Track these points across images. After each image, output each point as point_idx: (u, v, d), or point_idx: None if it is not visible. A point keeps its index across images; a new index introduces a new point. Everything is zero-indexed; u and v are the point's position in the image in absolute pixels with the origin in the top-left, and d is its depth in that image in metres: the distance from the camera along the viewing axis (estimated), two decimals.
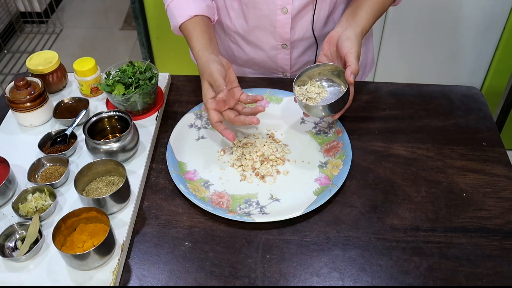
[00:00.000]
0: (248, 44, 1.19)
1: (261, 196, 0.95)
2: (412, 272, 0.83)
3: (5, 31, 3.05)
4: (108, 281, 0.80)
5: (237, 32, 1.18)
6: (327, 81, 1.03)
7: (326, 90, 1.01)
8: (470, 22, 1.87)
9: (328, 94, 1.01)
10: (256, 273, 0.83)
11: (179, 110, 1.13)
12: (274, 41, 1.15)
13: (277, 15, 1.09)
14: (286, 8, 1.07)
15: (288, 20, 1.09)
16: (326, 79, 1.03)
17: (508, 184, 0.95)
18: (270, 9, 1.09)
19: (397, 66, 2.06)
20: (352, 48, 0.95)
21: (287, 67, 1.21)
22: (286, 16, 1.09)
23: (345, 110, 0.98)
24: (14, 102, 1.04)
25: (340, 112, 0.98)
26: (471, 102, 1.14)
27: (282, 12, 1.08)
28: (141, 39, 2.15)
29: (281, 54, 1.18)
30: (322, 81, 1.03)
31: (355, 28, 0.98)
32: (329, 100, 0.99)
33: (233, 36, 1.20)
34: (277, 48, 1.16)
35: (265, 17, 1.10)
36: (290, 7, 1.07)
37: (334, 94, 1.00)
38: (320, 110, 0.95)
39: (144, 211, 0.93)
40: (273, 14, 1.09)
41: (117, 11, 3.41)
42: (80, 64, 1.12)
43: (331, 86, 1.02)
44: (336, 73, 1.01)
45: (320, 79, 1.03)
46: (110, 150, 0.96)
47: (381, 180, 0.97)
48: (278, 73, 1.25)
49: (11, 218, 0.90)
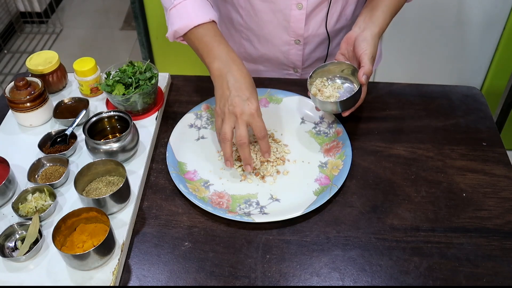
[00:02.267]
0: (259, 40, 1.19)
1: (261, 196, 0.95)
2: (412, 272, 0.83)
3: (5, 31, 3.05)
4: (108, 281, 0.80)
5: (249, 28, 1.17)
6: (341, 79, 1.05)
7: (340, 87, 1.04)
8: (470, 22, 1.87)
9: (342, 91, 1.03)
10: (256, 273, 0.83)
11: (179, 110, 1.13)
12: (288, 37, 1.15)
13: (292, 10, 1.09)
14: (301, 4, 1.08)
15: (303, 16, 1.10)
16: (340, 77, 1.05)
17: (508, 184, 0.95)
18: (285, 4, 1.09)
19: (397, 66, 2.06)
20: (368, 49, 0.97)
21: (299, 63, 1.21)
22: (301, 12, 1.09)
23: (355, 109, 1.00)
24: (14, 102, 1.04)
25: (350, 110, 1.00)
26: (471, 102, 1.14)
27: (297, 7, 1.08)
28: (141, 39, 2.15)
29: (294, 50, 1.18)
30: (336, 78, 1.05)
31: (372, 28, 1.00)
32: (341, 97, 1.01)
33: (245, 32, 1.20)
34: (289, 43, 1.17)
35: (279, 12, 1.10)
36: (305, 3, 1.07)
37: (347, 92, 1.03)
38: (332, 105, 0.97)
39: (144, 211, 0.93)
40: (288, 9, 1.09)
41: (117, 11, 3.41)
42: (80, 64, 1.12)
43: (345, 83, 1.04)
44: (351, 71, 1.03)
45: (334, 76, 1.05)
46: (110, 150, 0.96)
47: (381, 180, 0.97)
48: (289, 69, 1.25)
49: (11, 218, 0.90)
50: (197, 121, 1.10)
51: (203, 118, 1.10)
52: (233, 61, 0.96)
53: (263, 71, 1.28)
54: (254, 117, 0.91)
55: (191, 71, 1.47)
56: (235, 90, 0.93)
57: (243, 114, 0.91)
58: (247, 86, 0.94)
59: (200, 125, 1.09)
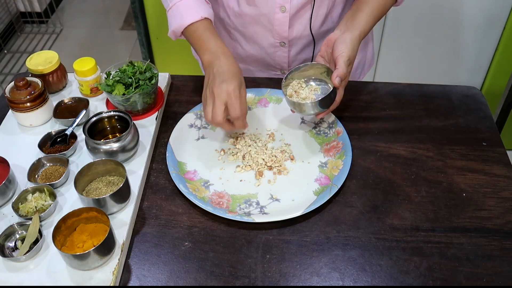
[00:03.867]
0: (247, 40, 1.20)
1: (261, 196, 0.95)
2: (412, 272, 0.83)
3: (5, 31, 3.05)
4: (108, 281, 0.80)
5: (236, 28, 1.18)
6: (317, 81, 1.04)
7: (317, 89, 1.03)
8: (470, 22, 1.87)
9: (318, 93, 1.02)
10: (256, 273, 0.83)
11: (179, 110, 1.13)
12: (272, 39, 1.15)
13: (276, 14, 1.09)
14: (284, 7, 1.08)
15: (286, 18, 1.10)
16: (316, 79, 1.04)
17: (508, 184, 0.95)
18: (269, 8, 1.09)
19: (397, 66, 2.06)
20: (344, 52, 0.96)
21: (285, 64, 1.22)
22: (284, 15, 1.09)
23: (329, 111, 1.00)
24: (14, 102, 1.04)
25: (324, 112, 0.99)
26: (471, 102, 1.14)
27: (281, 10, 1.08)
28: (141, 39, 2.15)
29: (279, 52, 1.18)
30: (312, 80, 1.04)
31: (352, 31, 0.99)
32: (316, 98, 1.00)
33: (233, 32, 1.20)
34: (275, 45, 1.17)
35: (263, 15, 1.11)
36: (288, 5, 1.07)
37: (323, 94, 1.01)
38: (307, 107, 0.96)
39: (144, 211, 0.93)
40: (272, 13, 1.10)
41: (117, 11, 3.41)
42: (80, 64, 1.12)
43: (321, 85, 1.03)
44: (327, 74, 1.01)
45: (310, 78, 1.04)
46: (110, 150, 0.96)
47: (381, 180, 0.97)
48: (276, 71, 1.25)
49: (11, 218, 0.90)
50: (197, 121, 1.10)
51: (203, 118, 1.10)
52: (222, 52, 0.99)
53: (253, 71, 1.29)
54: (230, 97, 0.93)
55: (191, 71, 1.48)
56: (218, 74, 0.96)
57: (220, 94, 0.94)
58: (230, 72, 0.96)
59: (200, 125, 1.09)
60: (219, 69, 0.97)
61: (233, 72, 0.97)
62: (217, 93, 0.94)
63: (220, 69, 0.97)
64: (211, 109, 0.95)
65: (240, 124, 0.97)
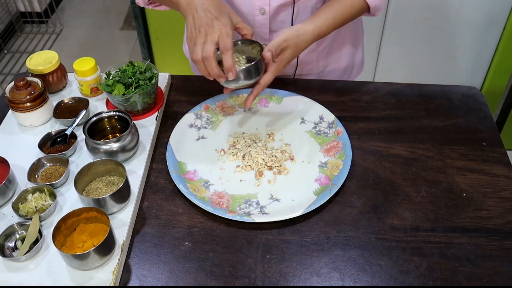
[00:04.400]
0: None
1: (261, 196, 0.95)
2: (412, 272, 0.83)
3: (5, 31, 3.05)
4: (108, 281, 0.80)
5: None
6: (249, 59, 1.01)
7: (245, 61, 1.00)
8: (470, 22, 1.87)
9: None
10: (256, 273, 0.83)
11: (179, 110, 1.13)
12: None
13: (255, 16, 1.09)
14: (263, 9, 1.08)
15: (266, 21, 1.10)
16: (249, 57, 1.01)
17: (508, 184, 0.95)
18: (248, 9, 1.09)
19: (397, 66, 2.06)
20: (285, 33, 0.96)
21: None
22: (264, 17, 1.09)
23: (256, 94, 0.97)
24: (14, 102, 1.04)
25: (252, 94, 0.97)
26: (471, 102, 1.14)
27: (260, 12, 1.08)
28: (141, 39, 2.15)
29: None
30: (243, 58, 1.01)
31: (305, 23, 1.00)
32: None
33: None
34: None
35: (243, 17, 1.11)
36: (267, 8, 1.07)
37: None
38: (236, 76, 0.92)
39: (144, 211, 0.93)
40: (252, 15, 1.10)
41: (117, 11, 3.41)
42: (80, 64, 1.12)
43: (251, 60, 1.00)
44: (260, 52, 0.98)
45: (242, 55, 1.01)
46: (110, 150, 0.96)
47: (381, 180, 0.97)
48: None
49: (11, 218, 0.90)
50: (197, 121, 1.10)
51: (203, 118, 1.10)
52: None
53: None
54: (222, 32, 0.89)
55: (191, 71, 1.47)
56: (202, 11, 0.91)
57: (212, 32, 0.89)
58: (215, 7, 0.91)
59: (200, 125, 1.09)
60: (202, 6, 0.91)
61: (218, 8, 0.92)
62: (210, 31, 0.89)
63: (203, 5, 0.91)
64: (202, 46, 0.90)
65: (229, 59, 0.90)
